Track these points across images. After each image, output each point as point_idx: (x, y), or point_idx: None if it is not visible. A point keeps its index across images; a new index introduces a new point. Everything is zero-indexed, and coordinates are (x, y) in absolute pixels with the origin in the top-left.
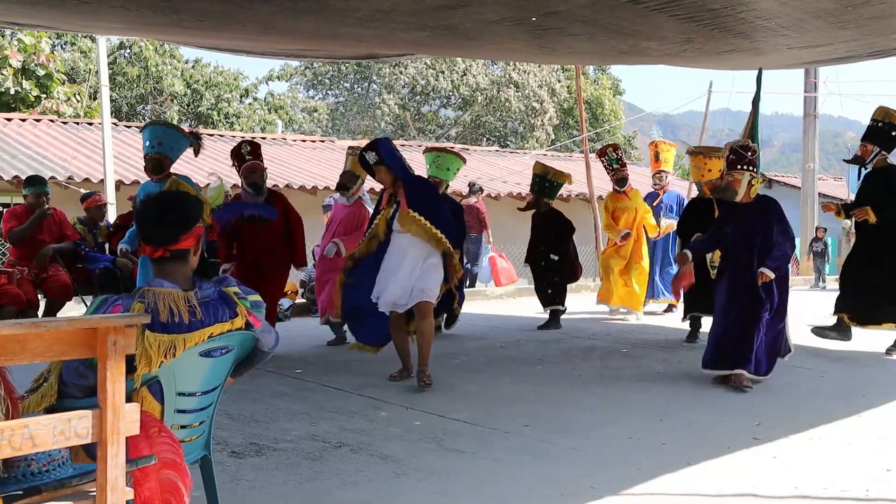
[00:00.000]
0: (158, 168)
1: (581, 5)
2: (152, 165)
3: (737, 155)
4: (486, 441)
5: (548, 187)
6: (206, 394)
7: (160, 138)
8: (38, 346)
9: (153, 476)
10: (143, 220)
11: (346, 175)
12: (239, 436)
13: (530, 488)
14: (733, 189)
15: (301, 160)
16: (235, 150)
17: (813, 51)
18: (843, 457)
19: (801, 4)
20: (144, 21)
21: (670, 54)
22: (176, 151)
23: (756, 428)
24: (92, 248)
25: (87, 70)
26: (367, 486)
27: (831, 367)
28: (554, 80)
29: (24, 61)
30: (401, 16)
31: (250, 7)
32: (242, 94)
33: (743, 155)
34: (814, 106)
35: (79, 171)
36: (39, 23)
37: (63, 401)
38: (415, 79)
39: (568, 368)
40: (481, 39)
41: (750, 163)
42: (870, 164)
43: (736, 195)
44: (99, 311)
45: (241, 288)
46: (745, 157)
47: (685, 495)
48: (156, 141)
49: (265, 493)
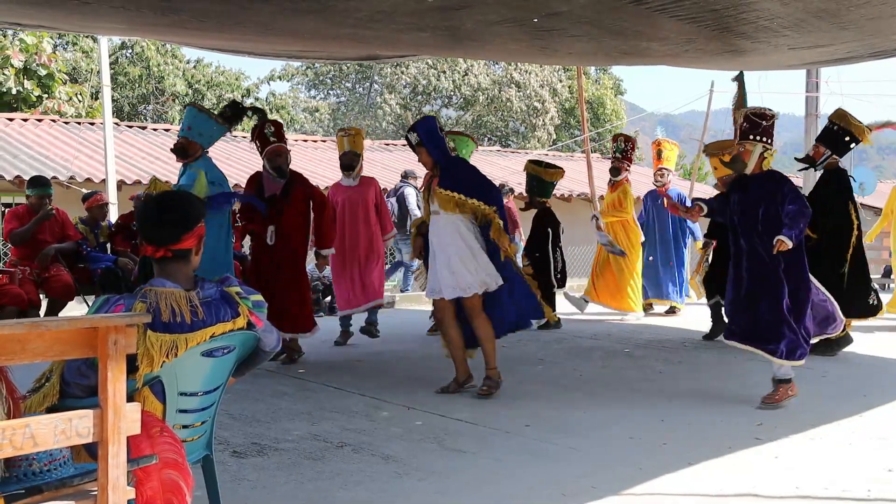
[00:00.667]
0: (181, 153)
1: (583, 6)
2: (176, 150)
3: (750, 123)
4: (488, 441)
5: (536, 186)
6: (208, 393)
7: (190, 122)
8: (40, 345)
9: (155, 476)
10: (145, 220)
11: (347, 155)
12: (240, 435)
13: (531, 488)
14: (743, 161)
15: (303, 160)
16: (258, 130)
17: (814, 51)
18: (844, 457)
19: (802, 5)
20: (146, 21)
21: (672, 55)
22: (206, 138)
23: (757, 428)
24: (93, 247)
25: (88, 70)
26: (369, 486)
27: (832, 368)
28: (555, 80)
29: (25, 61)
30: (402, 17)
31: (251, 8)
32: (244, 94)
33: (757, 123)
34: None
35: (80, 171)
36: (41, 23)
37: (65, 400)
38: (416, 79)
39: (569, 368)
40: (482, 40)
41: (765, 132)
42: (820, 167)
43: (745, 167)
44: (101, 311)
45: (243, 288)
46: (759, 125)
47: (686, 495)
48: (186, 125)
49: (267, 493)
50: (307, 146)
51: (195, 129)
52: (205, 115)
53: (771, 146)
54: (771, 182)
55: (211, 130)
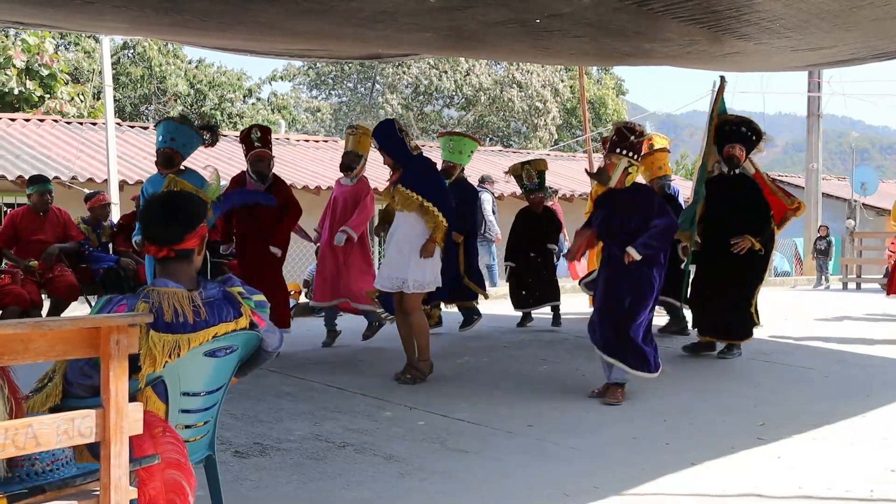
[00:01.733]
0: (168, 163)
1: (585, 8)
2: (163, 160)
3: (619, 136)
4: (490, 441)
5: (527, 184)
6: (211, 394)
7: (173, 134)
8: (42, 345)
9: (158, 476)
10: (148, 220)
11: (349, 155)
12: (243, 436)
13: (533, 488)
14: (607, 174)
15: (304, 160)
16: (245, 133)
17: (817, 53)
18: (846, 457)
19: (805, 7)
20: (148, 21)
21: (674, 55)
22: (188, 148)
23: (760, 428)
24: (96, 247)
25: (90, 70)
26: (371, 486)
27: (834, 368)
28: (557, 80)
29: (27, 61)
30: (404, 17)
31: (254, 7)
32: (246, 94)
33: (625, 136)
34: (817, 106)
35: (82, 171)
36: (43, 22)
37: (68, 400)
38: (418, 79)
39: (571, 368)
40: (485, 41)
41: (631, 147)
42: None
43: (609, 180)
44: (104, 311)
45: (246, 288)
46: (627, 139)
47: (688, 495)
48: (169, 136)
49: (269, 493)
50: (309, 146)
51: (179, 141)
52: (186, 127)
53: (637, 161)
54: (638, 196)
55: (192, 141)
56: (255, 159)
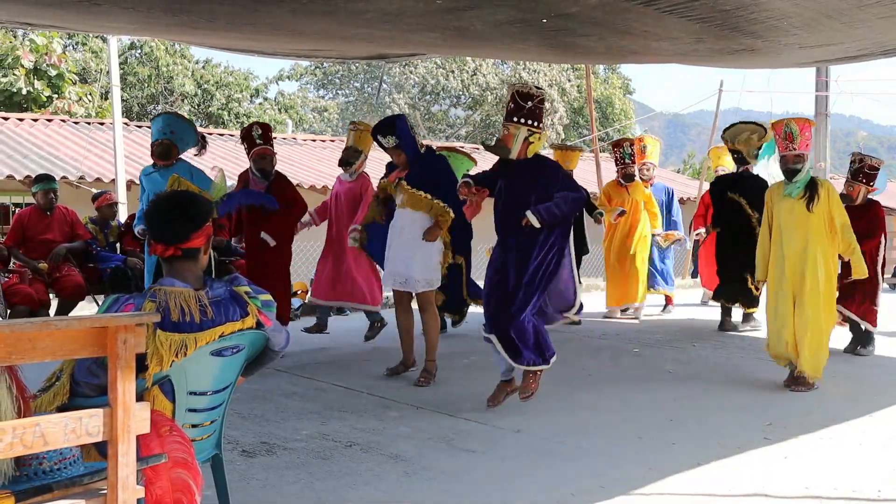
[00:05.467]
0: (166, 154)
1: (592, 7)
2: (160, 151)
3: (515, 104)
4: (496, 440)
5: None
6: (217, 393)
7: (172, 126)
8: (50, 344)
9: (164, 475)
10: (153, 219)
11: (348, 151)
12: (250, 435)
13: (540, 487)
14: (505, 145)
15: (311, 160)
16: (246, 131)
17: (825, 49)
18: (854, 457)
19: (813, 5)
20: (156, 21)
21: (681, 53)
22: (185, 143)
23: (767, 428)
24: (103, 247)
25: (98, 70)
26: (378, 486)
27: (842, 367)
28: (564, 80)
29: (35, 62)
30: (411, 17)
31: (261, 8)
32: (253, 94)
33: (521, 105)
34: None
35: (90, 171)
36: (51, 23)
37: (75, 399)
38: (425, 78)
39: (578, 368)
40: (491, 40)
41: (530, 114)
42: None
43: (509, 152)
44: (111, 311)
45: (252, 287)
46: (523, 107)
47: (695, 495)
48: (168, 129)
49: (276, 492)
50: (315, 146)
51: (178, 134)
52: (185, 123)
53: (539, 129)
54: (538, 168)
55: (189, 137)
56: (258, 156)
